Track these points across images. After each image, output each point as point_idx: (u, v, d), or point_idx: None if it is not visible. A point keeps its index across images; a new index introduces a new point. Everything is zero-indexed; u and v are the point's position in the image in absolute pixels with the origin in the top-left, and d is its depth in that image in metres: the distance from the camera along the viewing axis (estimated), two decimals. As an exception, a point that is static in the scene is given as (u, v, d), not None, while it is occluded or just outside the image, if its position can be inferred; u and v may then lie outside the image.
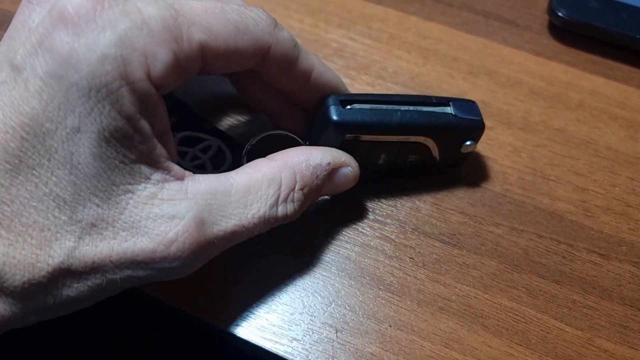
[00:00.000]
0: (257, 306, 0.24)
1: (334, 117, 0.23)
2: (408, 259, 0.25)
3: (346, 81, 0.30)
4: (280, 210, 0.21)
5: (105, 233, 0.18)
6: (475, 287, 0.25)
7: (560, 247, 0.26)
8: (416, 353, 0.23)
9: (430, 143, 0.25)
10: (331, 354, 0.23)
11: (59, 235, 0.18)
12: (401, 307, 0.24)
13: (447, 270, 0.25)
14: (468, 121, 0.25)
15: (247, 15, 0.21)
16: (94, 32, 0.17)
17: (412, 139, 0.25)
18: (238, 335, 0.23)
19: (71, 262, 0.18)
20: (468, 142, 0.26)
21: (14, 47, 0.18)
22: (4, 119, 0.17)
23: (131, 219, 0.19)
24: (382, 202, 0.27)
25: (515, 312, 0.24)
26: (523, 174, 0.28)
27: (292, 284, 0.24)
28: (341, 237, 0.26)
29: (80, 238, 0.18)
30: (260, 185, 0.21)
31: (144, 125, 0.19)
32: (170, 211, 0.19)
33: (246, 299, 0.24)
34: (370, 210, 0.27)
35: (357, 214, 0.26)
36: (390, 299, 0.24)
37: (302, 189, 0.22)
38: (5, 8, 0.33)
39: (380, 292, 0.24)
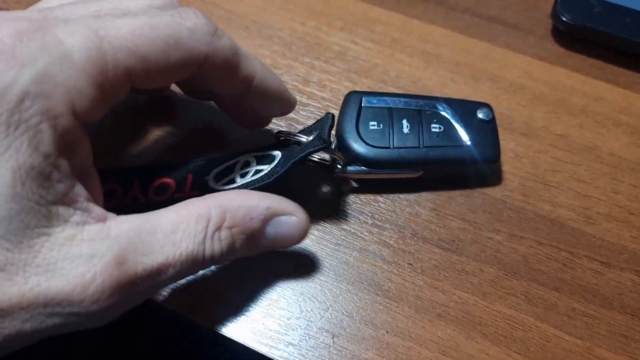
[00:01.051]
0: (253, 310, 0.24)
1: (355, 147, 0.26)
2: (406, 265, 0.25)
3: (347, 85, 0.31)
4: (207, 247, 0.20)
5: (15, 279, 0.17)
6: (473, 294, 0.25)
7: (560, 255, 0.26)
8: (413, 360, 0.23)
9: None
10: (327, 359, 0.23)
11: None
12: (399, 313, 0.24)
13: (445, 277, 0.25)
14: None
15: (181, 26, 0.20)
16: (14, 70, 0.17)
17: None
18: (234, 339, 0.23)
19: None
20: (480, 110, 0.27)
21: None
22: None
23: (45, 261, 0.17)
24: (381, 207, 0.27)
25: (514, 320, 0.24)
26: (524, 180, 0.28)
27: (290, 289, 0.24)
28: (339, 242, 0.26)
29: None
30: (188, 222, 0.20)
31: (63, 163, 0.18)
32: (89, 251, 0.18)
33: (243, 302, 0.24)
34: (369, 215, 0.27)
35: (356, 219, 0.26)
36: (388, 304, 0.24)
37: (230, 228, 0.20)
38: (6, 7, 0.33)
39: (378, 298, 0.24)
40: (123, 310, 0.19)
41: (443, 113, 0.27)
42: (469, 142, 0.26)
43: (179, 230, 0.19)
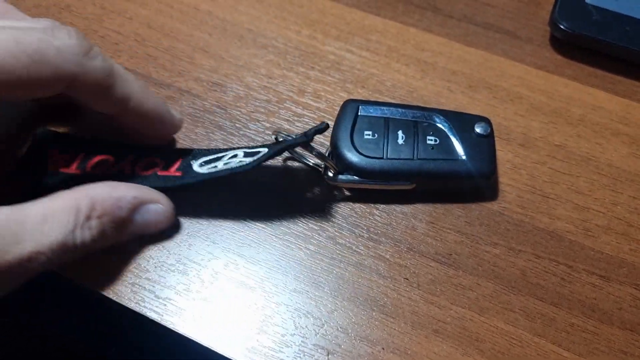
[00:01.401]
0: (247, 326, 0.23)
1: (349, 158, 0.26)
2: (402, 280, 0.25)
3: (343, 95, 0.30)
4: (78, 236, 0.21)
5: None
6: (471, 309, 0.24)
7: (559, 268, 0.26)
8: (409, 378, 0.23)
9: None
10: (322, 377, 0.22)
11: None
12: (395, 329, 0.24)
13: (442, 292, 0.25)
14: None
15: (49, 45, 0.20)
16: None
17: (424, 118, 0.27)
18: (228, 356, 0.23)
19: None
20: (478, 125, 0.27)
21: None
22: None
23: None
24: (377, 220, 0.26)
25: (512, 336, 0.24)
26: (522, 192, 0.28)
27: (284, 304, 0.24)
28: (335, 256, 0.25)
29: None
30: (57, 213, 0.21)
31: None
32: None
33: (236, 318, 0.24)
34: (365, 228, 0.26)
35: (352, 232, 0.26)
36: (384, 320, 0.24)
37: (100, 217, 0.22)
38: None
39: (374, 314, 0.24)
40: (6, 290, 0.20)
41: (440, 125, 0.27)
42: (464, 156, 0.26)
43: (47, 222, 0.20)
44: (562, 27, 0.32)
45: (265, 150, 0.25)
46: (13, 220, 0.20)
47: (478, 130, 0.27)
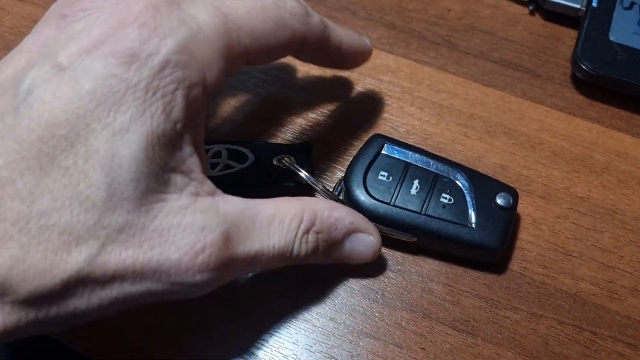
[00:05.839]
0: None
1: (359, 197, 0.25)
2: (419, 349, 0.24)
3: (356, 143, 0.29)
4: (295, 246, 0.21)
5: (131, 241, 0.17)
6: (491, 382, 0.23)
7: (583, 336, 0.24)
8: None
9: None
10: None
11: (80, 240, 0.17)
12: (411, 404, 0.23)
13: (460, 363, 0.24)
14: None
15: (283, 9, 0.21)
16: (157, 39, 0.18)
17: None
18: None
19: (90, 269, 0.17)
20: (501, 195, 0.25)
21: (53, 50, 0.18)
22: (45, 117, 0.17)
23: (160, 227, 0.18)
24: (392, 284, 0.25)
25: (534, 412, 0.23)
26: (543, 249, 0.26)
27: (296, 378, 0.23)
28: (348, 324, 0.24)
29: (103, 245, 0.17)
30: (283, 218, 0.21)
31: (187, 132, 0.19)
32: (201, 223, 0.19)
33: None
34: (380, 293, 0.25)
35: (366, 297, 0.25)
36: (400, 394, 0.23)
37: (318, 233, 0.22)
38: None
39: (389, 387, 0.23)
40: (216, 285, 0.20)
41: (460, 184, 0.25)
42: (474, 224, 0.25)
43: (274, 223, 0.20)
44: (584, 67, 0.30)
45: (251, 156, 0.26)
46: (247, 215, 0.20)
47: (499, 200, 0.25)
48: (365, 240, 0.23)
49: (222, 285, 0.20)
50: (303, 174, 0.25)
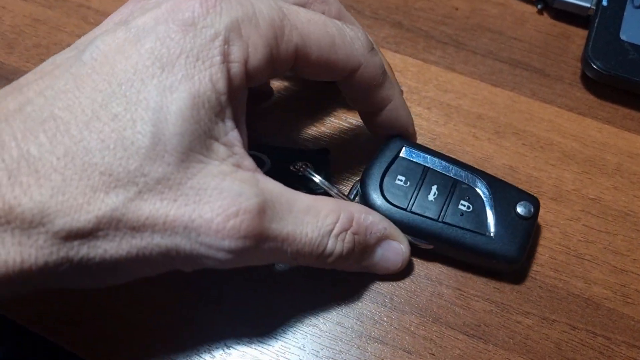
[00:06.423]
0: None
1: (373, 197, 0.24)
2: (428, 355, 0.23)
3: (367, 147, 0.28)
4: (330, 243, 0.21)
5: (167, 193, 0.18)
6: (502, 389, 0.23)
7: (596, 341, 0.24)
8: None
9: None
10: None
11: (119, 183, 0.17)
12: (421, 412, 0.22)
13: (471, 369, 0.23)
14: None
15: (346, 33, 0.22)
16: (214, 14, 0.19)
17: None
18: None
19: (124, 212, 0.17)
20: (522, 204, 0.24)
21: (129, 20, 0.20)
22: (108, 69, 0.18)
23: (198, 185, 0.18)
24: (401, 287, 0.25)
25: (548, 420, 0.22)
26: (555, 252, 0.26)
27: (302, 384, 0.23)
28: (356, 328, 0.24)
29: (140, 192, 0.18)
30: (320, 211, 0.21)
31: (229, 106, 0.19)
32: (238, 189, 0.19)
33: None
34: (388, 297, 0.24)
35: (374, 302, 0.24)
36: (409, 401, 0.22)
37: (355, 234, 0.22)
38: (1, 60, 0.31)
39: (398, 394, 0.22)
40: (242, 262, 0.20)
41: (479, 191, 0.25)
42: (492, 234, 0.24)
43: (309, 214, 0.21)
44: (595, 66, 0.29)
45: (267, 161, 0.25)
46: (285, 197, 0.20)
47: (519, 210, 0.24)
48: (396, 248, 0.23)
49: (242, 267, 0.20)
50: (317, 179, 0.25)
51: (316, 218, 0.21)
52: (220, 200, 0.18)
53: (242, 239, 0.19)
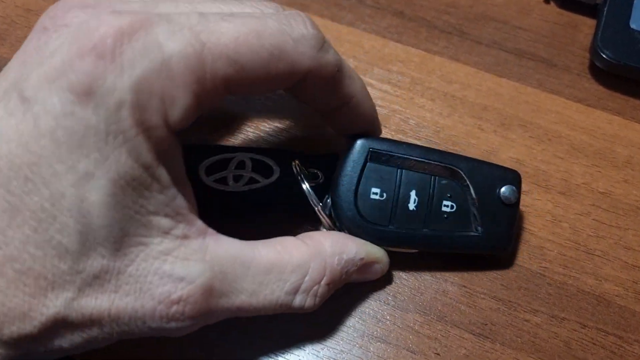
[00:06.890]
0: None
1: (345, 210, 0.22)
2: (433, 354, 0.22)
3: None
4: (298, 300, 0.20)
5: (107, 285, 0.17)
6: (510, 390, 0.22)
7: (608, 340, 0.23)
8: None
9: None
10: None
11: (56, 285, 0.17)
12: (426, 414, 0.21)
13: (478, 369, 0.22)
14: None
15: (287, 37, 0.18)
16: (113, 75, 0.16)
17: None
18: None
19: (67, 313, 0.17)
20: (504, 188, 0.23)
21: (25, 75, 0.17)
22: (9, 155, 0.16)
23: (137, 272, 0.17)
24: (404, 285, 0.24)
25: (558, 422, 0.21)
26: (564, 248, 0.25)
27: (302, 385, 0.22)
28: (358, 327, 0.23)
29: (80, 289, 0.17)
30: (284, 268, 0.19)
31: (162, 173, 0.17)
32: (180, 272, 0.18)
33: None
34: (391, 294, 0.24)
35: (376, 299, 0.23)
36: (414, 403, 0.21)
37: (328, 284, 0.20)
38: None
39: (402, 395, 0.22)
40: (197, 328, 0.19)
41: (459, 184, 0.23)
42: (479, 231, 0.23)
43: (271, 273, 0.19)
44: (604, 56, 0.28)
45: (276, 169, 0.23)
46: (240, 261, 0.19)
47: (502, 195, 0.23)
48: (374, 269, 0.22)
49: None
50: (305, 186, 0.23)
51: (279, 276, 0.19)
52: (161, 286, 0.17)
53: (188, 320, 0.18)
